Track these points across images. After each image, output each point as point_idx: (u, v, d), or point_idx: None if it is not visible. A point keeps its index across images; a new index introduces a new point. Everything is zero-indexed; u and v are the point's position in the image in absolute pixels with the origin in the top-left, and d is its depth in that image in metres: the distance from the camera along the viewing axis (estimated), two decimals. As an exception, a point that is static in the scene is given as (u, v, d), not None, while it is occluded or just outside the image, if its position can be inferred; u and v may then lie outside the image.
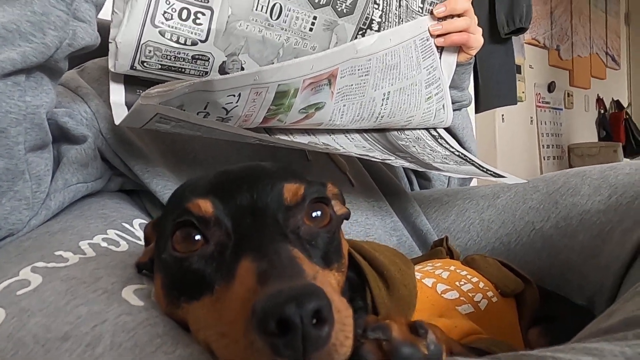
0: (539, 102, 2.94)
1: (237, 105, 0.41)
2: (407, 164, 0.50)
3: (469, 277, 0.40)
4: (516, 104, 1.78)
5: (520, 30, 1.65)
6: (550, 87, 3.02)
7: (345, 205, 0.58)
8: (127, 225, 0.41)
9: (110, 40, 0.43)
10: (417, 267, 0.42)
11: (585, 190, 0.56)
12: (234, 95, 0.40)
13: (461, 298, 0.37)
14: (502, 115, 2.54)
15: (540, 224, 0.58)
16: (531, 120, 2.88)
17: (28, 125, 0.37)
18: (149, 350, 0.24)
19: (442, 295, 0.37)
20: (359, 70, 0.49)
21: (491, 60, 1.69)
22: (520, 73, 2.72)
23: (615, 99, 3.72)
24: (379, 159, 0.48)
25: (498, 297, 0.40)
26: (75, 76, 0.51)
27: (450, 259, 0.46)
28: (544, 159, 2.98)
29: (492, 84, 1.69)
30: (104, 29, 0.43)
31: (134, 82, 0.46)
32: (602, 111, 3.58)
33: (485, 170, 0.57)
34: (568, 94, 3.21)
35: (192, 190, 0.26)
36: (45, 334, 0.25)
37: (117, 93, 0.45)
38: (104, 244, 0.36)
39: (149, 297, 0.29)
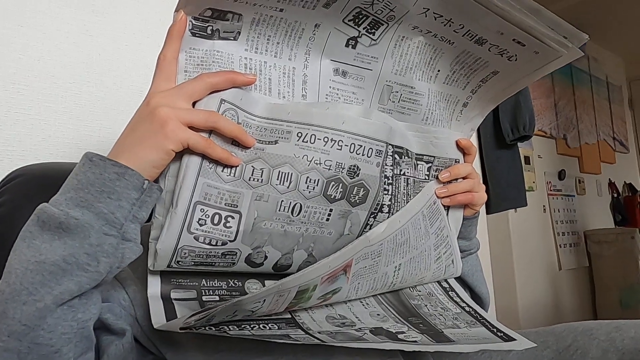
0: (551, 190, 2.98)
1: (262, 307, 0.45)
2: (419, 342, 0.53)
3: None
4: (526, 205, 1.82)
5: (525, 138, 1.72)
6: (561, 175, 3.07)
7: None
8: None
9: (150, 240, 0.49)
10: None
11: (593, 352, 0.58)
12: (260, 302, 0.44)
13: None
14: (515, 206, 2.57)
15: (553, 385, 0.59)
16: (544, 209, 2.90)
17: (78, 339, 0.42)
18: None
19: None
20: (371, 254, 0.54)
21: (498, 165, 1.75)
22: (529, 163, 2.78)
23: (627, 182, 3.75)
24: (392, 343, 0.51)
25: None
26: None
27: None
28: (560, 247, 2.96)
29: (500, 187, 1.74)
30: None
31: (168, 272, 0.51)
32: (616, 195, 3.59)
33: (495, 331, 0.60)
34: (579, 180, 3.25)
35: None
36: None
37: (154, 285, 0.50)
38: None
39: None
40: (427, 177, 0.64)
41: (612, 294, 3.01)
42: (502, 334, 0.59)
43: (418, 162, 0.63)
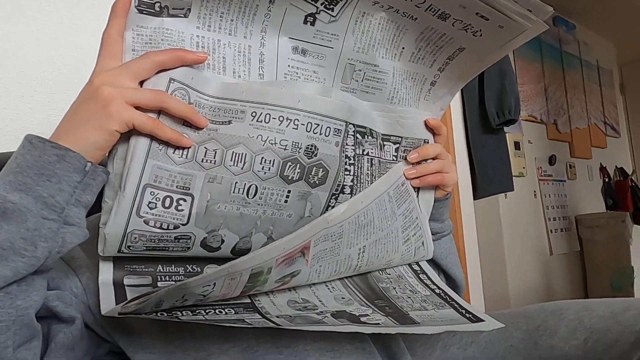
0: (541, 176, 2.97)
1: (213, 291, 0.44)
2: (381, 324, 0.52)
3: None
4: (513, 190, 1.81)
5: (511, 122, 1.71)
6: (551, 160, 3.06)
7: (327, 352, 0.60)
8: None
9: (100, 225, 0.47)
10: None
11: (562, 332, 0.57)
12: (210, 285, 0.43)
13: None
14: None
15: (523, 366, 0.58)
16: (535, 194, 2.89)
17: (17, 327, 0.40)
18: None
19: None
20: (331, 236, 0.52)
21: (485, 149, 1.74)
22: (519, 149, 2.77)
23: (618, 167, 3.74)
24: (353, 326, 0.50)
25: None
26: None
27: None
28: (552, 232, 2.96)
29: (487, 172, 1.73)
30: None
31: (122, 258, 0.50)
32: (607, 180, 3.59)
33: (464, 312, 0.59)
34: (570, 165, 3.24)
35: None
36: None
37: (106, 272, 0.48)
38: None
39: None
40: (395, 158, 0.63)
41: (603, 277, 3.02)
42: (470, 315, 0.58)
43: (385, 143, 0.62)
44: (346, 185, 0.55)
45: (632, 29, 3.56)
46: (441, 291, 0.63)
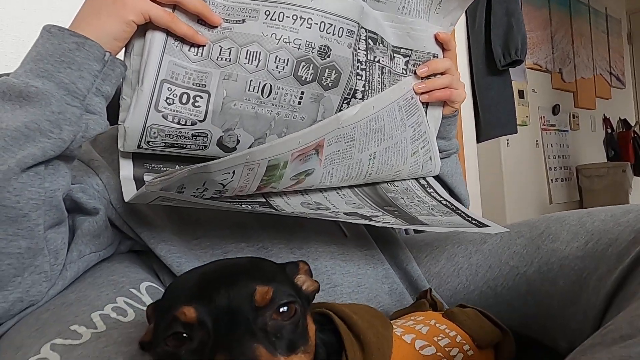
0: (544, 125, 2.97)
1: (232, 180, 0.46)
2: (392, 223, 0.54)
3: (447, 331, 0.44)
4: (516, 132, 1.81)
5: (517, 62, 1.69)
6: (555, 110, 3.05)
7: (338, 256, 0.62)
8: (134, 291, 0.45)
9: (119, 122, 0.48)
10: (399, 322, 0.46)
11: (564, 236, 0.59)
12: (229, 173, 0.44)
13: (438, 354, 0.40)
14: (507, 140, 2.57)
15: (525, 269, 0.61)
16: (537, 144, 2.90)
17: (47, 208, 0.42)
18: None
19: (420, 351, 0.40)
20: (344, 137, 0.54)
21: (490, 91, 1.73)
22: (523, 97, 2.75)
23: (622, 118, 3.73)
24: (364, 221, 0.52)
25: (474, 350, 0.43)
26: (89, 147, 0.57)
27: (433, 311, 0.50)
28: (552, 181, 2.99)
29: (491, 114, 1.73)
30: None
31: (141, 156, 0.51)
32: (610, 131, 3.58)
33: (470, 219, 0.61)
34: (573, 115, 3.23)
35: (179, 296, 0.31)
36: None
37: (126, 168, 0.50)
38: (114, 314, 0.40)
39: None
40: (404, 72, 0.63)
41: (601, 226, 3.06)
42: (476, 222, 0.60)
43: (395, 55, 0.62)
44: (358, 90, 0.56)
45: (644, -25, 3.46)
46: (447, 202, 0.65)
